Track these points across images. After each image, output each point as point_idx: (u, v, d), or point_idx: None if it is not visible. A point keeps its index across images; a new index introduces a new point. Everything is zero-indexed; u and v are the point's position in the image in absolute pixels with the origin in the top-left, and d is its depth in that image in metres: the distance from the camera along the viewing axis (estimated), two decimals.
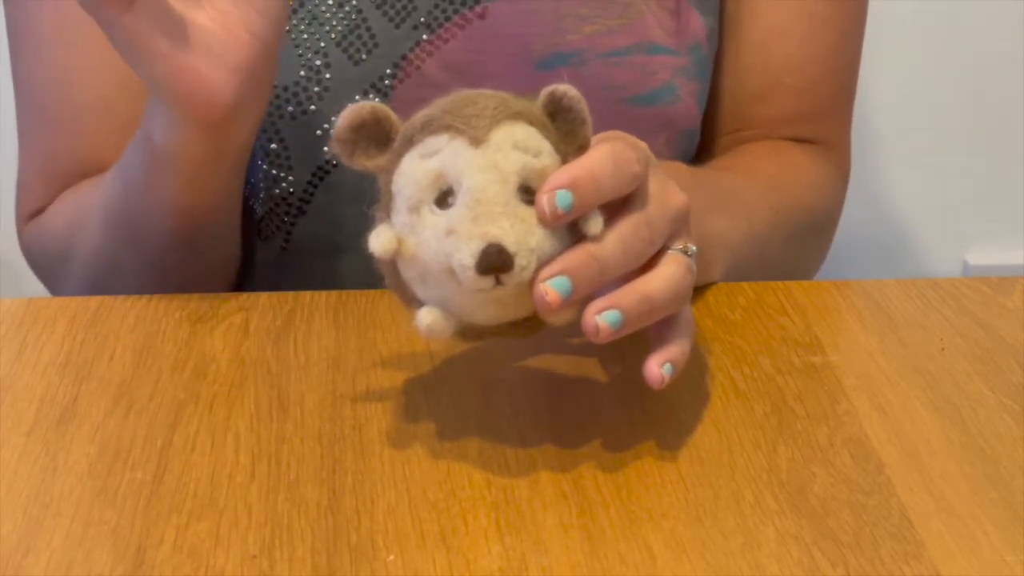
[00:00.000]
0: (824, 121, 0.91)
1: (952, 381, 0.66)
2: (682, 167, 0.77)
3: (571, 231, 0.55)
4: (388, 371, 0.66)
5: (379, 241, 0.55)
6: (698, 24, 0.84)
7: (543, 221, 0.54)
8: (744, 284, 0.74)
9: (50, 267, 0.86)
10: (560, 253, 0.54)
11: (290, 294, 0.72)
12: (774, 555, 0.54)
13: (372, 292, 0.72)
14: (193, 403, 0.63)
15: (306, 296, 0.72)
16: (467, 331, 0.57)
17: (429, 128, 0.55)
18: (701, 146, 0.90)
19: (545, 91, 0.56)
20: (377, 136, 0.57)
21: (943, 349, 0.68)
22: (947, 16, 1.54)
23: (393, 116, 0.57)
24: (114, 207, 0.76)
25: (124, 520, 0.56)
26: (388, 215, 0.56)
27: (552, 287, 0.54)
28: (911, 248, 1.65)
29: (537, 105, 0.56)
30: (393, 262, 0.56)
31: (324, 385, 0.65)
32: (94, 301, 0.72)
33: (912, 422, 0.63)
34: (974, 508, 0.57)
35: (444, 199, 0.54)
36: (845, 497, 0.57)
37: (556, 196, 0.54)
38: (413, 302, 0.57)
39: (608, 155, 0.56)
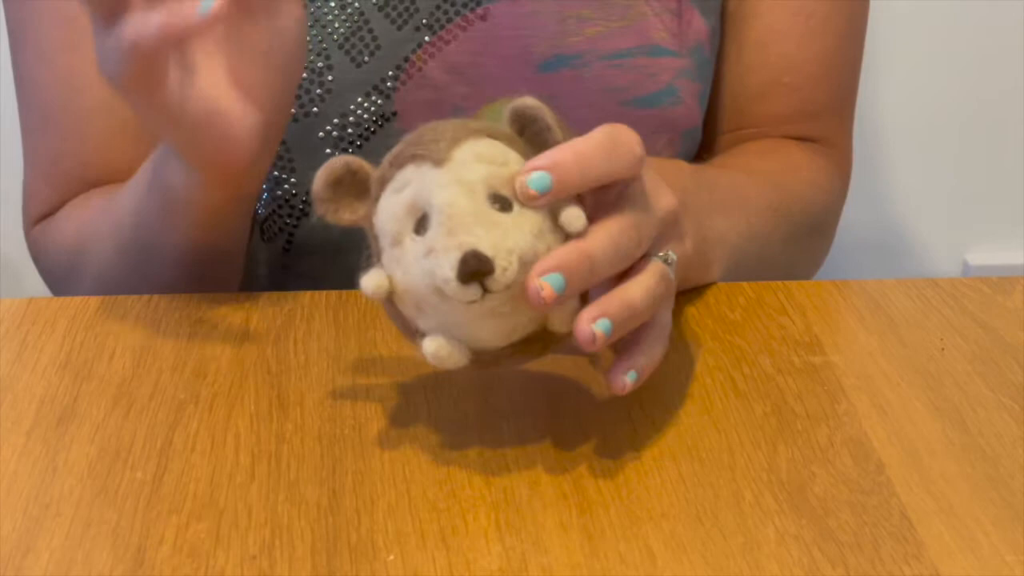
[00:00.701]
0: (824, 120, 0.91)
1: (952, 381, 0.66)
2: (683, 165, 0.77)
3: (556, 233, 0.55)
4: (388, 371, 0.66)
5: (370, 282, 0.56)
6: (700, 25, 0.84)
7: (520, 201, 0.54)
8: (744, 284, 0.74)
9: (56, 277, 0.86)
10: (543, 253, 0.54)
11: (290, 294, 0.72)
12: (774, 555, 0.54)
13: None
14: (193, 403, 0.63)
15: (306, 296, 0.72)
16: (481, 356, 0.57)
17: (396, 163, 0.56)
18: (702, 145, 0.90)
19: (506, 109, 0.57)
20: (355, 188, 0.57)
21: (943, 349, 0.68)
22: (947, 16, 1.54)
23: (367, 165, 0.57)
24: (125, 236, 0.76)
25: (124, 520, 0.56)
26: (379, 260, 0.57)
27: (547, 283, 0.54)
28: (911, 248, 1.65)
29: (502, 124, 0.57)
30: (390, 301, 0.56)
31: (324, 385, 0.65)
32: (94, 301, 0.72)
33: (912, 422, 0.63)
34: (974, 508, 0.57)
35: (421, 226, 0.55)
36: (845, 497, 0.57)
37: (529, 177, 0.54)
38: (417, 335, 0.57)
39: (606, 135, 0.56)
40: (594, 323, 0.55)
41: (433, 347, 0.56)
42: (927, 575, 0.53)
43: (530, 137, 0.57)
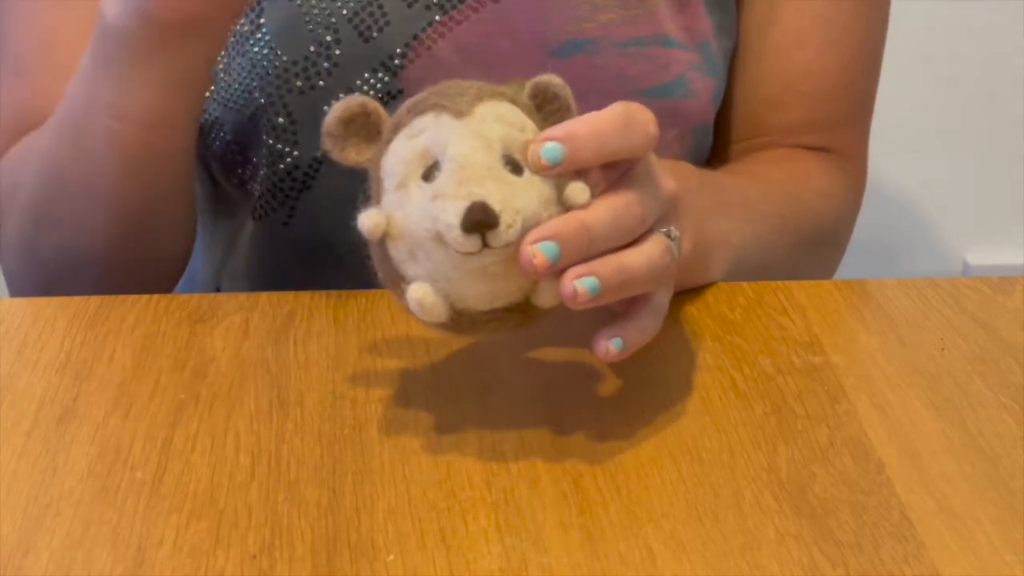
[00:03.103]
0: (839, 131, 0.90)
1: (952, 381, 0.66)
2: (687, 167, 0.77)
3: (561, 206, 0.56)
4: (388, 371, 0.66)
5: (368, 220, 0.56)
6: (704, 21, 0.84)
7: (531, 169, 0.55)
8: (744, 284, 0.74)
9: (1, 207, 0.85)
10: (545, 222, 0.55)
11: (290, 294, 0.72)
12: (774, 555, 0.54)
13: (372, 292, 0.72)
14: (193, 403, 0.63)
15: (306, 296, 0.72)
16: (461, 318, 0.57)
17: (415, 111, 0.57)
18: (714, 152, 0.89)
19: (530, 82, 0.57)
20: (367, 130, 0.58)
21: (943, 349, 0.68)
22: (947, 16, 1.54)
23: (382, 111, 0.58)
24: (64, 124, 0.75)
25: (124, 520, 0.56)
26: (378, 202, 0.57)
27: (540, 250, 0.54)
28: (911, 248, 1.65)
29: (523, 95, 0.57)
30: (383, 245, 0.56)
31: (324, 385, 0.65)
32: (94, 301, 0.72)
33: (912, 422, 0.63)
34: (974, 508, 0.57)
35: (430, 174, 0.55)
36: (845, 497, 0.57)
37: (543, 147, 0.54)
38: (402, 283, 0.57)
39: (622, 112, 0.56)
40: (578, 280, 0.54)
41: (419, 293, 0.56)
42: (927, 575, 0.53)
43: (547, 114, 0.57)
